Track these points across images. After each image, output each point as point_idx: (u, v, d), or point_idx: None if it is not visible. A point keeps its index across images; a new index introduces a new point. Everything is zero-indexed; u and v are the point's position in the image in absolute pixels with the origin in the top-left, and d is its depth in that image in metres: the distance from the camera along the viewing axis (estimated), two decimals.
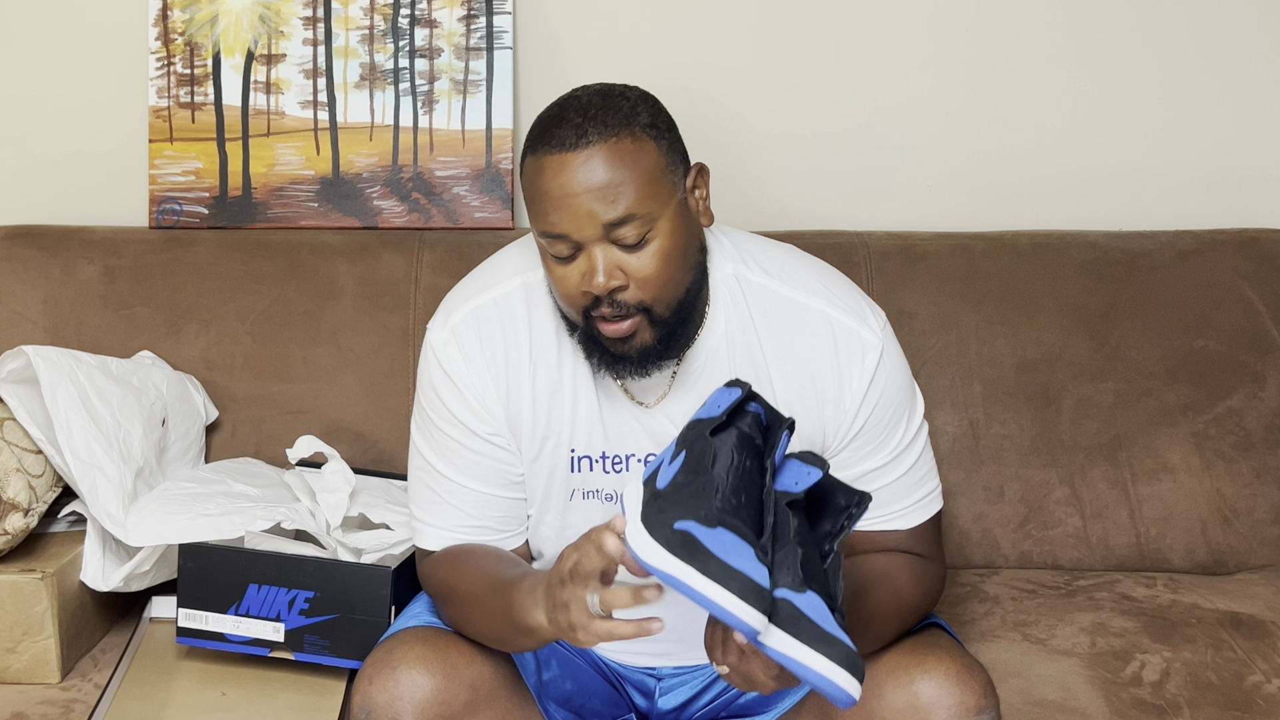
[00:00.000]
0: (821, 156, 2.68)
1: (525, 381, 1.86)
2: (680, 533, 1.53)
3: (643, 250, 1.74)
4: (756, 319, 1.86)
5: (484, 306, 1.88)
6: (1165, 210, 2.66)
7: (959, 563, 2.45)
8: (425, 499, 1.91)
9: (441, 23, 2.62)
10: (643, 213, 1.72)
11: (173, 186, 2.62)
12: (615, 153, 1.72)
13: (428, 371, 1.89)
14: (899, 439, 1.88)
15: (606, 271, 1.73)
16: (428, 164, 2.62)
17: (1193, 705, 2.02)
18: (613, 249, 1.73)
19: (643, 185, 1.72)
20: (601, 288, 1.73)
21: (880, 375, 1.85)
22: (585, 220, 1.71)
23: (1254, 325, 2.50)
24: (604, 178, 1.71)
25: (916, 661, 1.77)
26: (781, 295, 1.86)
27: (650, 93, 1.81)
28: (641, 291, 1.74)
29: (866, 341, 1.86)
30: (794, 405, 1.85)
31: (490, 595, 1.77)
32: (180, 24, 2.62)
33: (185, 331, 2.50)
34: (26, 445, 2.16)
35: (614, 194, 1.71)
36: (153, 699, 2.04)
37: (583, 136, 1.72)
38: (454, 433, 1.88)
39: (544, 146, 1.74)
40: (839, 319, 1.86)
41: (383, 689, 1.76)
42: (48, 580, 2.09)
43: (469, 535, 1.90)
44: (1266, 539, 2.44)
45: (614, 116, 1.74)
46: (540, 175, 1.74)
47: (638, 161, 1.73)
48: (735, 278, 1.87)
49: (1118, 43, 2.66)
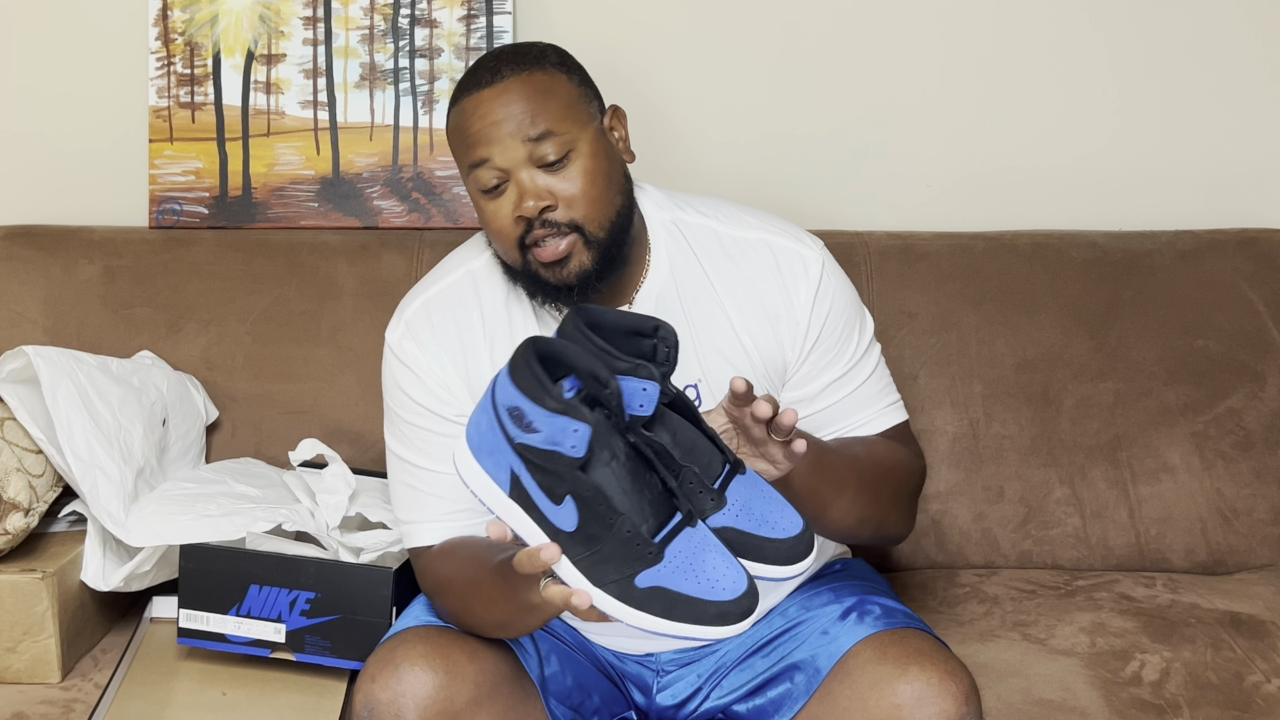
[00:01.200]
0: (821, 156, 2.68)
1: (484, 358, 1.92)
2: (647, 590, 1.58)
3: (566, 169, 1.84)
4: (701, 257, 1.96)
5: (432, 298, 1.96)
6: (1165, 210, 2.66)
7: (959, 563, 2.45)
8: (408, 499, 1.95)
9: (441, 23, 2.62)
10: (561, 131, 1.84)
11: (173, 186, 2.62)
12: (529, 83, 1.85)
13: (389, 370, 1.96)
14: (853, 349, 1.98)
15: (534, 193, 1.83)
16: (428, 164, 2.62)
17: (1192, 705, 2.02)
18: (537, 172, 1.84)
19: (558, 108, 1.84)
20: (532, 210, 1.82)
21: (825, 286, 1.95)
22: (508, 142, 1.83)
23: (1254, 325, 2.50)
24: (521, 104, 1.83)
25: (899, 671, 1.78)
26: (720, 232, 1.98)
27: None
28: (570, 209, 1.84)
29: (807, 257, 1.96)
30: (752, 328, 1.94)
31: (490, 579, 1.78)
32: (180, 24, 2.62)
33: (185, 331, 2.50)
34: (27, 445, 2.16)
35: (531, 115, 1.83)
36: (153, 699, 2.04)
37: (497, 75, 1.85)
38: (423, 422, 1.92)
39: (462, 94, 1.87)
40: (778, 242, 1.97)
41: (385, 687, 1.77)
42: (48, 580, 2.09)
43: (456, 521, 1.92)
44: (1266, 539, 2.44)
45: (524, 58, 1.87)
46: (461, 115, 1.87)
47: (551, 89, 1.86)
48: (673, 222, 1.97)
49: (1118, 43, 2.66)
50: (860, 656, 1.83)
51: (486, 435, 1.62)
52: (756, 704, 1.93)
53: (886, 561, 2.44)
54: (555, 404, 1.56)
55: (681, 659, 1.99)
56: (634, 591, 1.58)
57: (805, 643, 1.90)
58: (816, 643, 1.89)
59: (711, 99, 2.66)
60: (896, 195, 2.68)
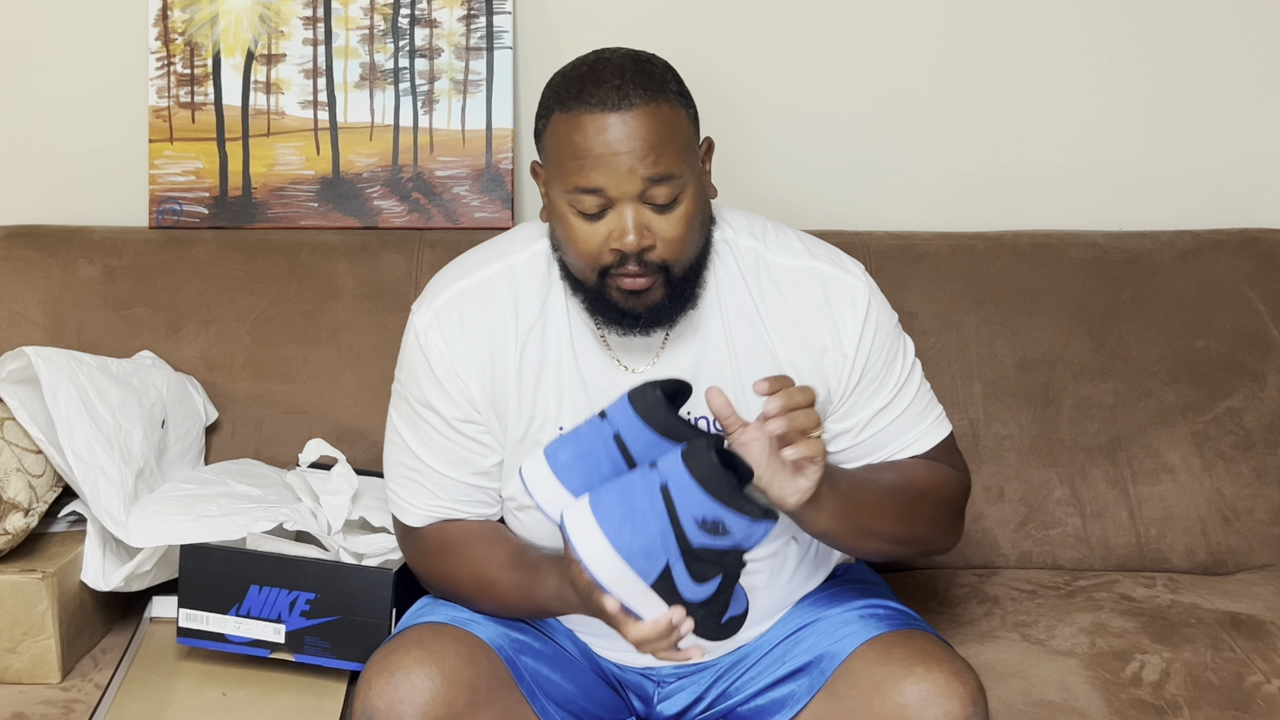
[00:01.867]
0: (821, 157, 2.68)
1: (511, 362, 1.89)
2: (726, 623, 1.72)
3: (671, 212, 1.79)
4: (750, 284, 1.92)
5: (468, 289, 1.92)
6: (1165, 210, 2.66)
7: (959, 563, 2.45)
8: (399, 475, 1.96)
9: (441, 23, 2.62)
10: (678, 174, 1.78)
11: (173, 186, 2.62)
12: (657, 116, 1.78)
13: (409, 354, 1.94)
14: (897, 375, 1.95)
15: (638, 230, 1.77)
16: (428, 164, 2.62)
17: (1192, 705, 2.02)
18: (644, 209, 1.78)
19: (679, 149, 1.79)
20: (633, 245, 1.77)
21: (871, 316, 1.92)
22: (625, 177, 1.76)
23: (1254, 325, 2.50)
24: (647, 138, 1.76)
25: (905, 671, 1.78)
26: (768, 260, 1.93)
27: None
28: (666, 252, 1.79)
29: (854, 288, 1.93)
30: (795, 361, 1.91)
31: (503, 593, 1.86)
32: (180, 24, 2.62)
33: (185, 331, 2.50)
34: (27, 445, 2.16)
35: (655, 154, 1.76)
36: (153, 699, 2.04)
37: (625, 98, 1.77)
38: (428, 416, 1.92)
39: (580, 105, 1.78)
40: (824, 270, 1.93)
41: (382, 694, 1.77)
42: (48, 580, 2.09)
43: (447, 511, 1.94)
44: (1266, 539, 2.44)
45: (650, 81, 1.80)
46: (578, 132, 1.78)
47: (675, 126, 1.79)
48: (725, 242, 1.93)
49: (1118, 43, 2.66)
50: (865, 657, 1.83)
51: (649, 537, 1.63)
52: (758, 704, 1.92)
53: (887, 563, 2.44)
54: (757, 511, 1.64)
55: (682, 670, 1.99)
56: (718, 629, 1.70)
57: (809, 644, 1.90)
58: (820, 644, 1.89)
59: (711, 99, 2.66)
60: (896, 195, 2.68)
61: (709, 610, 1.67)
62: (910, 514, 1.90)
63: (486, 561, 1.88)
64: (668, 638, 1.65)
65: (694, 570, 1.65)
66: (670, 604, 1.65)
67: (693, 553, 1.64)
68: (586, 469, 1.69)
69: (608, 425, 1.70)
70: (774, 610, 1.98)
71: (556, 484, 1.70)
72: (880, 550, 1.92)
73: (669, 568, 1.64)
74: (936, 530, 1.96)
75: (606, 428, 1.70)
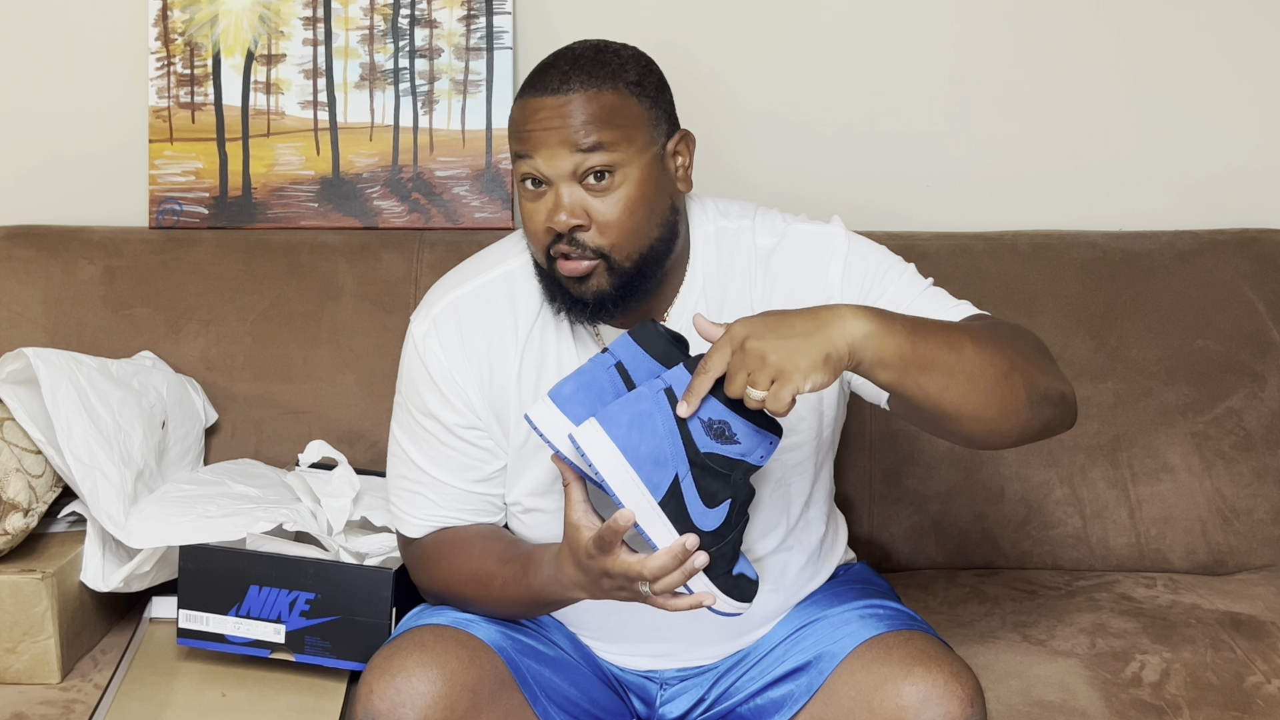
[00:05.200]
0: (821, 157, 2.68)
1: (511, 367, 1.90)
2: (735, 577, 1.72)
3: (608, 195, 1.80)
4: (741, 268, 1.91)
5: (465, 296, 1.92)
6: (1165, 210, 2.66)
7: (959, 563, 2.45)
8: (401, 488, 1.96)
9: (441, 23, 2.62)
10: (611, 151, 1.79)
11: (173, 186, 2.62)
12: (594, 100, 1.80)
13: (408, 363, 1.94)
14: (899, 271, 1.90)
15: (569, 209, 1.79)
16: (428, 164, 2.62)
17: (1192, 706, 2.02)
18: (579, 190, 1.79)
19: (615, 130, 1.80)
20: (563, 225, 1.79)
21: (853, 251, 1.91)
22: (556, 151, 1.78)
23: (1254, 325, 2.50)
24: (580, 118, 1.78)
25: (904, 671, 1.78)
26: (757, 243, 1.92)
27: (646, 54, 1.88)
28: (601, 236, 1.80)
29: (831, 234, 1.93)
30: None
31: (500, 586, 1.85)
32: (180, 24, 2.62)
33: (185, 332, 2.50)
34: (26, 445, 2.16)
35: (585, 132, 1.78)
36: (153, 700, 2.04)
37: (565, 83, 1.80)
38: (430, 425, 1.92)
39: (530, 90, 1.83)
40: (801, 229, 1.94)
41: (384, 698, 1.77)
42: (48, 580, 2.09)
43: (441, 524, 1.94)
44: (1266, 539, 2.44)
45: (600, 70, 1.82)
46: (520, 113, 1.82)
47: (615, 111, 1.80)
48: (717, 231, 1.92)
49: (1118, 43, 2.66)
50: (864, 657, 1.83)
51: (658, 441, 1.65)
52: (757, 704, 1.92)
53: (887, 563, 2.44)
54: (761, 419, 1.65)
55: (684, 673, 1.99)
56: (729, 580, 1.71)
57: (808, 644, 1.90)
58: (820, 644, 1.89)
59: (710, 100, 2.66)
60: (896, 195, 2.68)
61: (720, 549, 1.68)
62: (991, 339, 1.71)
63: (483, 557, 1.88)
64: (681, 566, 1.66)
65: (703, 486, 1.67)
66: (682, 533, 1.67)
67: (700, 461, 1.66)
68: (590, 398, 1.71)
69: (608, 357, 1.73)
70: (776, 613, 1.98)
71: (561, 416, 1.72)
72: (993, 391, 1.69)
73: (678, 481, 1.66)
74: (1036, 363, 1.75)
75: (607, 358, 1.73)
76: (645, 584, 1.68)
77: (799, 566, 1.98)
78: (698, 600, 1.68)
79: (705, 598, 1.69)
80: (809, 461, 1.95)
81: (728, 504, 1.68)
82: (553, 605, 1.86)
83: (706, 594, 1.69)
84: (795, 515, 1.97)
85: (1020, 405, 1.72)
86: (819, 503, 2.01)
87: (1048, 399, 1.75)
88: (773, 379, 1.60)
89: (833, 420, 1.96)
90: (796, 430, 1.92)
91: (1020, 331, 1.81)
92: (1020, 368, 1.71)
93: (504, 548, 1.89)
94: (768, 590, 1.95)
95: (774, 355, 1.60)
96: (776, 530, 1.95)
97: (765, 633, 1.97)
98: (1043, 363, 1.77)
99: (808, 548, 1.99)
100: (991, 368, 1.69)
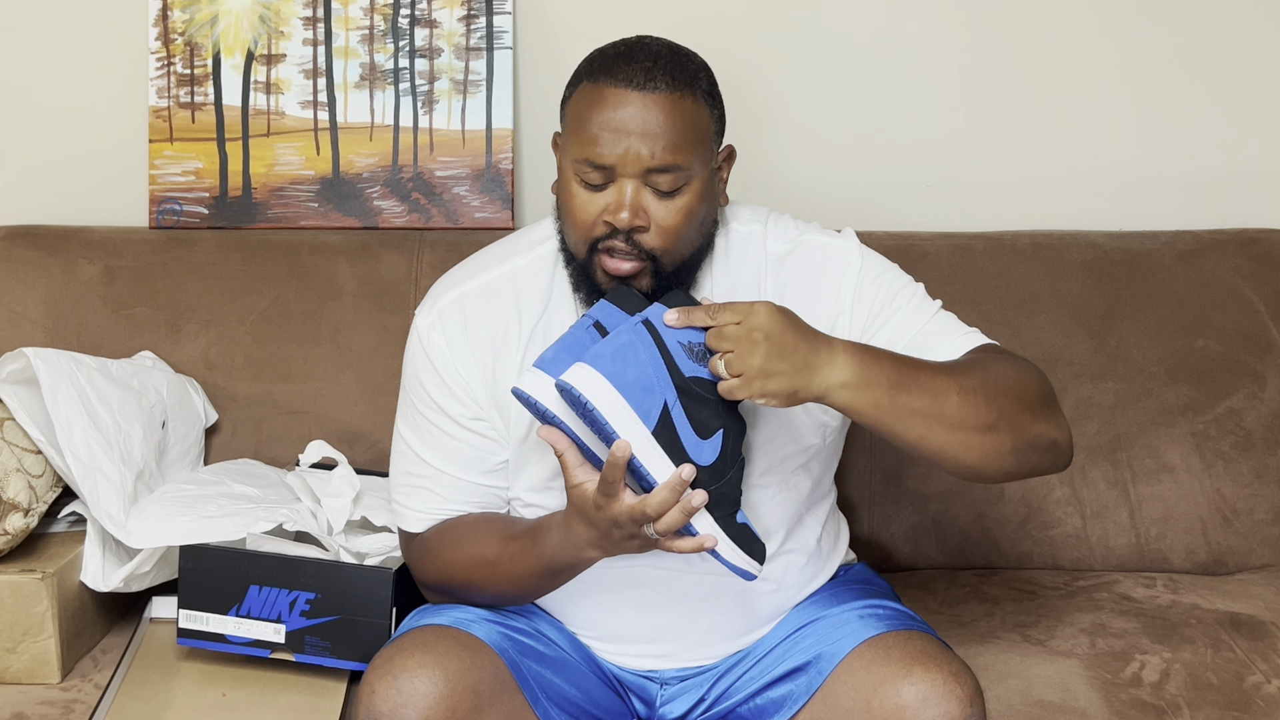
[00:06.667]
0: (820, 157, 2.68)
1: (515, 362, 1.90)
2: (740, 526, 1.74)
3: (672, 201, 1.79)
4: (757, 274, 1.92)
5: (471, 292, 1.92)
6: (1165, 210, 2.66)
7: (959, 563, 2.45)
8: (405, 484, 1.96)
9: (441, 23, 2.62)
10: (685, 166, 1.78)
11: (173, 186, 2.62)
12: (678, 106, 1.78)
13: (412, 356, 1.94)
14: (909, 295, 1.92)
15: (633, 208, 1.78)
16: (428, 164, 2.62)
17: (1192, 706, 2.02)
18: (645, 190, 1.79)
19: (693, 143, 1.79)
20: (625, 222, 1.78)
21: (865, 265, 1.92)
22: (634, 155, 1.77)
23: (1254, 325, 2.50)
24: (662, 124, 1.77)
25: (904, 671, 1.78)
26: (768, 249, 1.93)
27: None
28: (658, 239, 1.80)
29: (844, 248, 1.93)
30: None
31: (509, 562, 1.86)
32: (180, 24, 2.62)
33: (185, 332, 2.50)
34: (26, 445, 2.16)
35: (666, 141, 1.77)
36: (153, 700, 2.04)
37: (651, 80, 1.78)
38: (435, 418, 1.92)
39: (607, 78, 1.79)
40: (815, 240, 1.94)
41: (385, 698, 1.77)
42: (48, 580, 2.09)
43: (443, 517, 1.94)
44: (1266, 539, 2.44)
45: (682, 73, 1.81)
46: (598, 103, 1.79)
47: (694, 121, 1.80)
48: (727, 235, 1.93)
49: (1118, 43, 2.66)
50: (864, 657, 1.83)
51: (642, 367, 1.69)
52: (757, 704, 1.93)
53: (887, 563, 2.44)
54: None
55: (684, 674, 1.99)
56: (733, 526, 1.72)
57: (808, 644, 1.90)
58: (819, 644, 1.89)
59: None
60: (896, 195, 2.68)
61: (719, 489, 1.70)
62: (981, 388, 1.75)
63: (487, 538, 1.89)
64: (680, 503, 1.67)
65: (693, 415, 1.70)
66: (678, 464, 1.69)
67: (686, 387, 1.69)
68: (571, 356, 1.73)
69: (587, 319, 1.76)
70: (777, 613, 1.98)
71: (546, 377, 1.74)
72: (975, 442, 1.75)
73: (668, 409, 1.68)
74: (1025, 413, 1.78)
75: (586, 320, 1.76)
76: (650, 524, 1.70)
77: (800, 567, 1.99)
78: (699, 543, 1.70)
79: (708, 540, 1.70)
80: (813, 465, 1.96)
81: (720, 435, 1.70)
82: (565, 573, 1.86)
83: (709, 536, 1.70)
84: (798, 517, 1.97)
85: (1004, 454, 1.78)
86: (821, 505, 2.01)
87: (1035, 447, 1.80)
88: (741, 373, 1.68)
89: (837, 428, 1.97)
90: (801, 435, 1.93)
91: (1023, 372, 1.84)
92: (1009, 417, 1.77)
93: (506, 525, 1.90)
94: (768, 590, 1.95)
95: (758, 360, 1.67)
96: (778, 532, 1.95)
97: (765, 633, 1.97)
98: (1038, 409, 1.82)
99: (809, 549, 1.99)
100: (975, 419, 1.75)
